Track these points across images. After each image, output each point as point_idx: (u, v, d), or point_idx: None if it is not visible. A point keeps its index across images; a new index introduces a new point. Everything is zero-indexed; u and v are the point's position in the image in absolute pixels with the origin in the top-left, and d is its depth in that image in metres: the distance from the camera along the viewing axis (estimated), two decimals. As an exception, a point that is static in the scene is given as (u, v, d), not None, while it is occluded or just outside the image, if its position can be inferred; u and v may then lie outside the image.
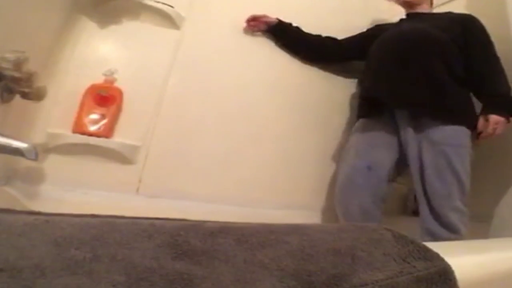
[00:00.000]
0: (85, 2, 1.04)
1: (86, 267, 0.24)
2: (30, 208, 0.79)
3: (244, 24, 1.21)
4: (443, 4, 1.54)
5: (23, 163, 0.88)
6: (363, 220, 1.02)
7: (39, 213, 0.32)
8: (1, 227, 0.26)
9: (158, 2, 1.11)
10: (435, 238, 0.91)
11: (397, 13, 1.30)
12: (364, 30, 1.31)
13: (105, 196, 0.98)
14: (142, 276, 0.24)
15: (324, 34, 1.31)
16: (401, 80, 1.03)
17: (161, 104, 1.09)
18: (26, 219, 0.28)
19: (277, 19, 1.22)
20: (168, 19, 1.12)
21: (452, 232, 0.90)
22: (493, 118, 0.95)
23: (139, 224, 0.31)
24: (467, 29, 1.05)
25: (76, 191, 0.96)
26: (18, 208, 0.35)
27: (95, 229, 0.28)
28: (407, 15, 1.24)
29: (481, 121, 0.97)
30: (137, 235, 0.29)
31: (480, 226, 1.01)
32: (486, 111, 0.97)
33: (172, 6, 1.13)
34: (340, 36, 1.31)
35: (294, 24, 1.25)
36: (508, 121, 0.97)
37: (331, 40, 1.28)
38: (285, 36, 1.25)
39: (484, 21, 1.09)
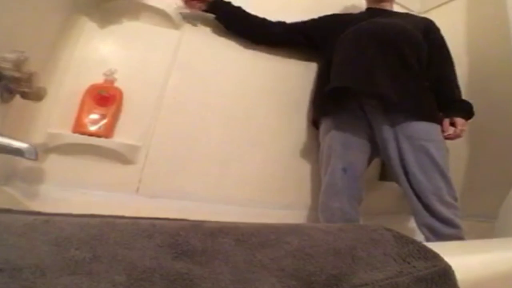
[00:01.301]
0: (85, 2, 1.04)
1: (86, 267, 0.24)
2: (30, 208, 0.79)
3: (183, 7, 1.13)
4: (443, 4, 1.54)
5: (23, 163, 0.88)
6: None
7: (39, 213, 0.32)
8: (1, 227, 0.26)
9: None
10: (436, 233, 0.90)
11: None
12: (316, 16, 1.25)
13: (105, 196, 0.98)
14: (142, 276, 0.24)
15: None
16: (380, 72, 0.99)
17: (161, 104, 1.09)
18: (26, 219, 0.28)
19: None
20: (168, 19, 1.12)
21: (451, 227, 0.89)
22: (460, 121, 1.02)
23: (139, 224, 0.31)
24: (430, 33, 1.10)
25: (76, 191, 0.96)
26: (18, 208, 0.35)
27: (95, 229, 0.28)
28: (369, 9, 1.24)
29: (446, 124, 1.02)
30: (137, 235, 0.29)
31: (482, 226, 1.01)
32: (451, 114, 1.03)
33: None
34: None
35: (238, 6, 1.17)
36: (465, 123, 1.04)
37: (277, 22, 1.22)
38: (225, 14, 1.16)
39: (484, 21, 1.09)
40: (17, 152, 0.63)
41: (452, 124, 1.03)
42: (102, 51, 1.06)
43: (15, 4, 0.73)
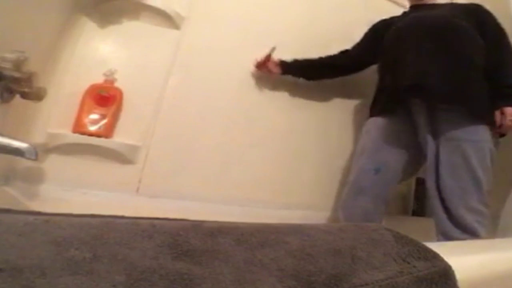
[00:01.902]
0: (85, 2, 1.04)
1: (86, 267, 0.24)
2: (30, 208, 0.79)
3: (254, 70, 1.20)
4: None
5: (23, 163, 0.88)
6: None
7: (39, 213, 0.32)
8: (1, 227, 0.26)
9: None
10: (450, 240, 0.86)
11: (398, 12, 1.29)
12: (367, 30, 1.26)
13: (105, 196, 0.99)
14: (142, 276, 0.24)
15: (323, 34, 1.31)
16: (430, 69, 0.95)
17: (161, 104, 1.09)
18: (26, 219, 0.28)
19: (279, 60, 1.18)
20: (168, 19, 1.12)
21: (469, 234, 0.84)
22: (509, 110, 0.91)
23: (139, 224, 0.31)
24: (481, 19, 1.01)
25: (76, 191, 0.96)
26: (18, 208, 0.35)
27: (95, 229, 0.28)
28: (412, 6, 1.20)
29: (497, 115, 0.92)
30: (137, 235, 0.29)
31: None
32: (500, 103, 0.93)
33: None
34: (340, 34, 1.31)
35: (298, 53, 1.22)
36: None
37: (341, 54, 1.24)
38: (297, 72, 1.23)
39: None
40: (17, 152, 0.63)
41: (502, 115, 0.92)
42: (102, 51, 1.06)
43: (15, 4, 0.73)
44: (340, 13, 1.40)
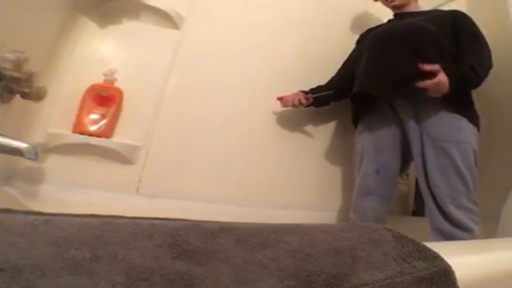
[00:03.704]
0: (85, 2, 1.04)
1: (86, 267, 0.24)
2: (30, 208, 0.79)
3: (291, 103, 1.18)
4: (443, 4, 1.54)
5: (23, 163, 0.88)
6: (376, 223, 1.02)
7: (39, 213, 0.32)
8: (1, 227, 0.26)
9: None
10: (447, 237, 0.88)
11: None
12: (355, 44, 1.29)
13: (105, 196, 0.99)
14: (142, 276, 0.24)
15: (323, 34, 1.31)
16: (398, 68, 1.00)
17: (161, 104, 1.09)
18: (26, 219, 0.28)
19: (305, 93, 1.18)
20: (168, 19, 1.12)
21: (463, 231, 0.87)
22: (443, 77, 0.91)
23: (139, 224, 0.31)
24: (457, 25, 1.04)
25: (76, 191, 0.96)
26: (18, 208, 0.35)
27: (95, 229, 0.28)
28: (395, 15, 1.24)
29: (433, 67, 0.92)
30: (137, 235, 0.29)
31: (484, 226, 1.00)
32: (445, 66, 0.93)
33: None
34: (340, 34, 1.31)
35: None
36: (448, 90, 0.92)
37: (342, 71, 1.26)
38: (322, 101, 1.23)
39: (484, 21, 1.09)
40: (17, 152, 0.63)
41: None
42: (102, 51, 1.06)
43: (15, 4, 0.73)
44: (340, 14, 1.40)
